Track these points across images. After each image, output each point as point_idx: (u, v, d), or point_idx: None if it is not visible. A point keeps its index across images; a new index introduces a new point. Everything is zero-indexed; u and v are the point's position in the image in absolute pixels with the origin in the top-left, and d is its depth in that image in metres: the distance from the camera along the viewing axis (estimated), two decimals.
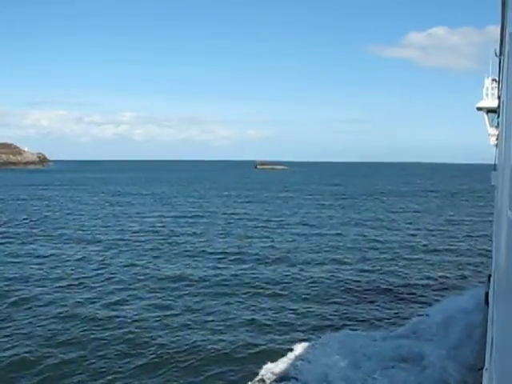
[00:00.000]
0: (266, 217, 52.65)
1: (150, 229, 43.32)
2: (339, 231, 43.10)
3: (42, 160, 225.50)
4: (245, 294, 23.74)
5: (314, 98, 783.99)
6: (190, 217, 52.15)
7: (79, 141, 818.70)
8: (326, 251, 34.27)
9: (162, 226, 44.91)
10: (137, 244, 35.99)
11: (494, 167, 17.58)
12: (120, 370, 15.67)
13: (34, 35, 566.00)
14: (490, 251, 22.88)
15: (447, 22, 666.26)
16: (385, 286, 25.35)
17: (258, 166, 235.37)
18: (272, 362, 15.77)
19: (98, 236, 39.22)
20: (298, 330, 19.06)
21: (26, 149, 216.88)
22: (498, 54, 15.36)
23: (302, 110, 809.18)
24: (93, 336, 18.11)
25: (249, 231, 42.68)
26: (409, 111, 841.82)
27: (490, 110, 22.43)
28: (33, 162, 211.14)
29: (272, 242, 37.42)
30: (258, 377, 15.09)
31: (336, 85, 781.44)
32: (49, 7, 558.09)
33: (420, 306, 22.03)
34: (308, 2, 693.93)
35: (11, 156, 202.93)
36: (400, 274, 28.05)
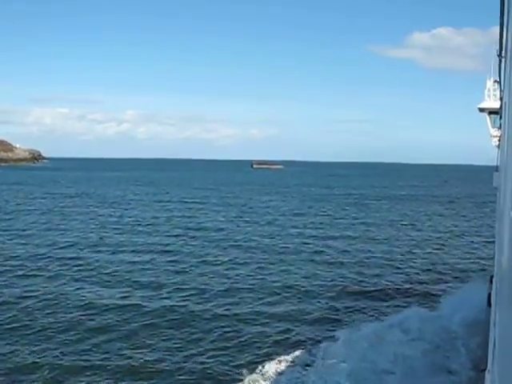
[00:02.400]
0: (223, 230, 43.08)
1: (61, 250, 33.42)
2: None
3: (36, 157, 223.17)
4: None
5: (315, 97, 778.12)
6: (120, 231, 42.13)
7: (82, 139, 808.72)
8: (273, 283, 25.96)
9: (81, 246, 34.87)
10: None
11: (496, 168, 17.51)
12: None
13: (36, 32, 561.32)
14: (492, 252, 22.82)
15: (452, 23, 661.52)
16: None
17: (255, 166, 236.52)
18: None
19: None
20: None
21: (17, 145, 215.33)
22: (498, 55, 15.27)
23: (303, 110, 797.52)
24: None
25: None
26: (411, 112, 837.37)
27: (492, 111, 22.36)
28: (24, 159, 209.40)
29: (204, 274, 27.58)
30: None
31: (339, 85, 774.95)
32: (50, 4, 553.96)
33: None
34: (309, 1, 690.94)
35: (2, 152, 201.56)
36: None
